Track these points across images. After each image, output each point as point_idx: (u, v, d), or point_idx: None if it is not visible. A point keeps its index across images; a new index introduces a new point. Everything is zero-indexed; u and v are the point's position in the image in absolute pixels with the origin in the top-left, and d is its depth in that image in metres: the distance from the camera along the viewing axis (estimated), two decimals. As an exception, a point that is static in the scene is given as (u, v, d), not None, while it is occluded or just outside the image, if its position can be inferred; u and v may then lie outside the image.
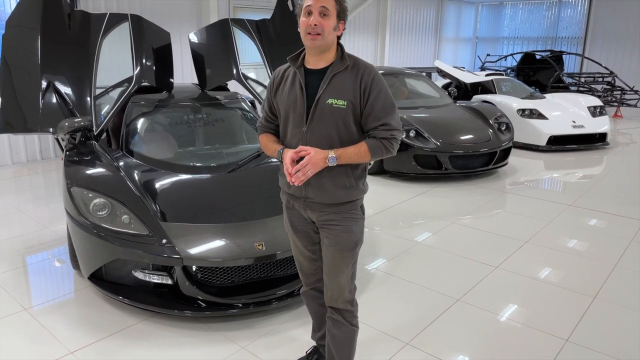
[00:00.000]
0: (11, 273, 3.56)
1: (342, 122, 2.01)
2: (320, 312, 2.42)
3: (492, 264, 3.82)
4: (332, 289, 2.20)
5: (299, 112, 2.04)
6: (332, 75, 2.01)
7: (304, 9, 1.98)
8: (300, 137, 2.05)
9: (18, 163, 6.49)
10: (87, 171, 3.39)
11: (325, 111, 2.00)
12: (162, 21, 7.33)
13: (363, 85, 1.99)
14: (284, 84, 2.12)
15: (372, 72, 2.02)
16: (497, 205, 5.24)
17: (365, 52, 12.07)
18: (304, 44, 2.02)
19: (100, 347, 2.74)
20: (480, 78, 9.08)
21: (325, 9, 1.95)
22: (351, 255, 2.14)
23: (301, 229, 2.22)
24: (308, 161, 1.96)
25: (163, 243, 2.87)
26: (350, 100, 1.99)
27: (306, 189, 2.08)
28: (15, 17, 3.88)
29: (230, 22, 4.48)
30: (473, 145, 6.02)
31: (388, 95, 2.05)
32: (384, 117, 2.01)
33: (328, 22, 1.96)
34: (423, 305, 3.22)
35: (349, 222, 2.12)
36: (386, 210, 5.02)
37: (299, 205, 2.16)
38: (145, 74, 4.01)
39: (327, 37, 1.97)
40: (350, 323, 2.24)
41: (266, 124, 2.25)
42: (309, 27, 1.95)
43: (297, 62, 2.09)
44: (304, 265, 2.33)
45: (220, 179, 3.50)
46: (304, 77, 2.05)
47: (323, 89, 2.00)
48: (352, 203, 2.12)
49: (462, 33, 16.35)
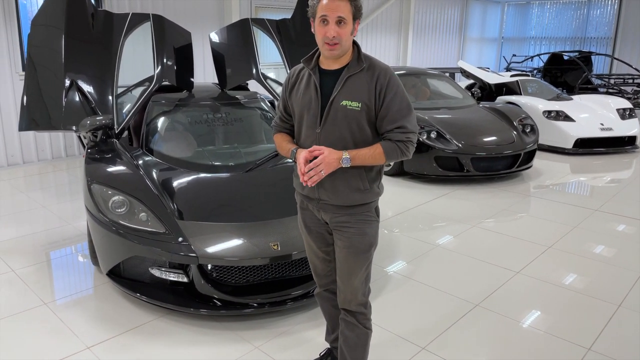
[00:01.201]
0: (34, 267, 3.63)
1: (356, 124, 1.99)
2: (334, 314, 2.39)
3: (514, 269, 3.73)
4: (345, 291, 2.17)
5: (313, 113, 2.03)
6: (347, 77, 1.99)
7: (318, 17, 1.93)
8: (314, 138, 2.03)
9: (43, 160, 6.64)
10: (107, 169, 3.44)
11: (339, 113, 1.98)
12: (184, 21, 7.41)
13: (379, 88, 1.97)
14: (298, 84, 2.10)
15: (387, 74, 1.99)
16: (520, 209, 5.12)
17: (388, 52, 11.98)
18: (321, 51, 2.01)
19: (116, 343, 2.76)
20: (505, 79, 8.91)
21: (342, 18, 1.90)
22: (365, 257, 2.11)
23: (315, 230, 2.20)
24: (321, 161, 1.94)
25: (179, 241, 2.88)
26: (365, 103, 1.97)
27: (319, 190, 2.06)
28: (41, 16, 3.97)
29: (251, 21, 4.49)
30: (496, 147, 5.90)
31: (404, 98, 2.02)
32: (400, 120, 1.99)
33: (345, 30, 1.92)
34: (441, 309, 3.16)
35: (363, 224, 2.09)
36: (405, 212, 4.96)
37: (313, 207, 2.15)
38: (166, 73, 4.05)
39: (345, 44, 1.95)
40: (364, 326, 2.21)
41: (281, 123, 2.25)
42: (326, 37, 1.91)
43: (311, 63, 2.07)
44: (318, 267, 2.31)
45: (237, 178, 3.50)
46: (319, 78, 2.03)
47: (338, 91, 1.98)
48: (366, 205, 2.10)
49: (487, 33, 16.09)
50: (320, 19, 1.92)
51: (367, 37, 11.19)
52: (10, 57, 6.12)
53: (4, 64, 6.08)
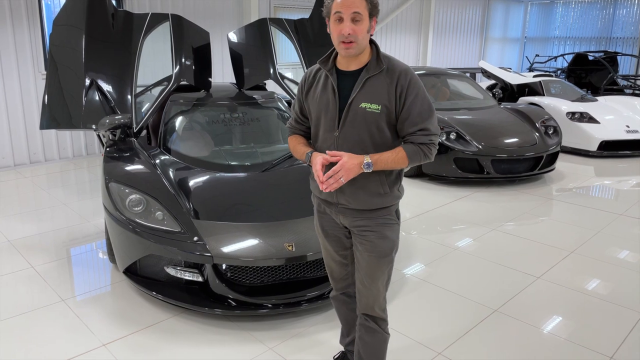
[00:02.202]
0: (53, 264, 3.68)
1: (376, 127, 1.93)
2: (350, 317, 2.36)
3: (534, 274, 3.64)
4: (367, 295, 2.12)
5: (331, 115, 1.97)
6: (366, 78, 1.93)
7: (333, 14, 1.87)
8: (332, 141, 1.98)
9: (65, 158, 6.76)
10: (124, 167, 3.46)
11: (358, 115, 1.92)
12: (203, 21, 7.47)
13: (399, 89, 1.90)
14: (315, 85, 2.05)
15: (408, 75, 1.93)
16: (541, 212, 5.00)
17: (407, 52, 11.88)
18: (337, 50, 1.95)
19: (131, 340, 2.78)
20: (528, 79, 8.74)
21: (357, 14, 1.84)
22: (387, 261, 2.07)
23: (332, 233, 2.16)
24: (341, 167, 1.87)
25: (194, 240, 2.88)
26: (385, 105, 1.91)
27: (338, 195, 2.02)
28: (62, 17, 4.03)
29: (269, 21, 4.49)
30: (517, 149, 5.79)
31: (425, 99, 1.95)
32: (422, 122, 1.92)
33: (361, 27, 1.86)
34: (458, 314, 3.10)
35: (384, 228, 2.04)
36: (424, 214, 4.89)
37: (331, 210, 2.11)
38: (185, 73, 4.07)
39: (362, 43, 1.89)
40: (384, 330, 2.19)
41: (296, 125, 2.20)
42: (341, 35, 1.85)
43: (328, 64, 2.01)
44: (335, 270, 2.27)
45: (253, 178, 3.49)
46: (336, 79, 1.97)
47: (356, 92, 1.93)
48: (386, 209, 2.05)
49: (510, 33, 15.83)
50: (335, 17, 1.86)
51: (386, 37, 11.12)
52: (33, 57, 6.25)
53: (27, 63, 6.21)
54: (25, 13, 6.10)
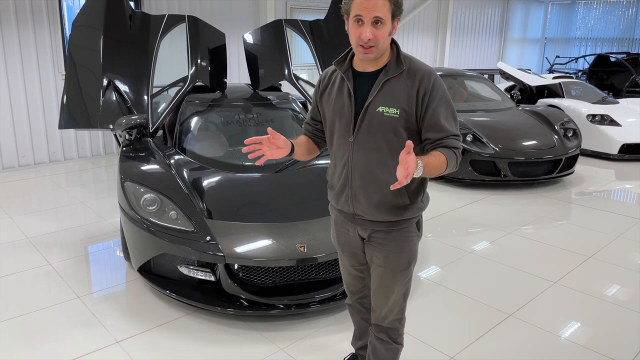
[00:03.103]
0: (70, 261, 3.74)
1: (393, 132, 1.80)
2: (363, 325, 2.33)
3: (551, 278, 3.57)
4: (380, 308, 2.04)
5: (346, 119, 1.86)
6: (384, 81, 1.80)
7: (353, 16, 1.73)
8: (347, 148, 1.87)
9: (83, 157, 6.87)
10: (140, 167, 3.50)
11: (375, 120, 1.80)
12: (220, 22, 7.52)
13: (422, 92, 1.77)
14: (331, 87, 1.94)
15: (431, 77, 1.79)
16: (560, 216, 4.92)
17: (424, 53, 11.80)
18: (355, 53, 1.82)
19: (144, 338, 2.81)
20: (547, 81, 8.60)
21: (378, 18, 1.70)
22: (403, 275, 1.96)
23: (348, 249, 2.08)
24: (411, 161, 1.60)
25: (207, 240, 2.90)
26: (404, 109, 1.78)
27: (354, 205, 1.92)
28: (81, 18, 4.10)
29: (284, 22, 4.50)
30: (535, 151, 5.70)
31: (450, 103, 1.83)
32: (450, 128, 1.80)
33: (382, 31, 1.72)
34: (472, 318, 3.06)
35: (401, 241, 1.93)
36: (439, 217, 4.85)
37: (348, 222, 2.01)
38: (200, 74, 4.10)
39: (382, 46, 1.76)
40: (395, 341, 2.09)
41: (307, 126, 2.14)
42: (360, 40, 1.72)
43: (344, 65, 1.89)
44: (350, 283, 2.21)
45: (266, 178, 3.51)
46: (352, 81, 1.86)
47: (374, 96, 1.80)
48: (407, 221, 1.92)
49: (530, 33, 15.61)
50: (354, 19, 1.73)
51: (403, 37, 11.06)
52: (53, 57, 6.36)
53: (47, 63, 6.33)
54: (45, 14, 6.22)
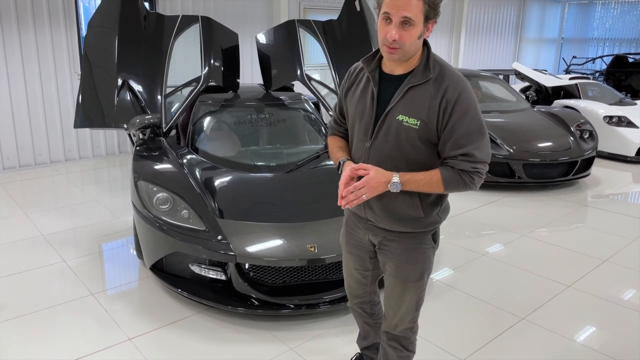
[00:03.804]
0: (84, 259, 3.79)
1: (410, 143, 1.70)
2: (366, 327, 2.31)
3: (565, 282, 3.52)
4: (391, 316, 1.99)
5: (365, 123, 1.77)
6: (408, 87, 1.69)
7: (382, 13, 1.64)
8: (363, 152, 1.79)
9: (98, 156, 6.95)
10: (153, 166, 3.53)
11: (393, 128, 1.70)
12: (233, 22, 7.55)
13: (444, 104, 1.65)
14: (356, 86, 1.85)
15: (458, 87, 1.65)
16: (575, 219, 4.85)
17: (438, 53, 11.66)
18: (381, 52, 1.72)
19: (156, 336, 2.83)
20: (563, 82, 8.49)
21: (407, 19, 1.59)
22: (415, 286, 1.89)
23: (355, 251, 2.02)
24: (364, 183, 1.66)
25: (218, 239, 2.91)
26: (424, 120, 1.67)
27: (366, 210, 1.84)
28: (97, 18, 4.15)
29: (297, 23, 4.50)
30: (551, 153, 5.62)
31: (476, 119, 1.66)
32: (467, 146, 1.65)
33: (411, 33, 1.61)
34: (484, 321, 3.03)
35: (414, 252, 1.85)
36: (452, 218, 4.81)
37: (359, 226, 1.95)
38: (213, 74, 4.13)
39: (409, 49, 1.65)
40: (407, 349, 2.04)
41: (335, 126, 2.01)
42: (385, 39, 1.63)
43: (371, 64, 1.78)
44: (352, 286, 2.15)
45: (278, 178, 3.51)
46: (378, 83, 1.76)
47: (395, 102, 1.70)
48: (421, 233, 1.84)
49: (546, 33, 15.42)
50: (383, 16, 1.63)
51: (417, 38, 11.00)
52: (69, 57, 6.45)
53: (63, 63, 6.42)
54: (62, 15, 6.31)
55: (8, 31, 5.95)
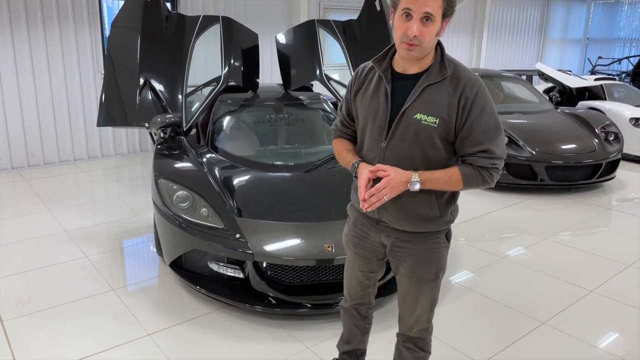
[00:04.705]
0: (106, 255, 3.86)
1: (429, 142, 1.70)
2: (354, 330, 2.24)
3: (587, 287, 3.45)
4: (407, 317, 1.97)
5: (379, 124, 1.75)
6: (425, 86, 1.68)
7: (401, 9, 1.62)
8: (378, 153, 1.77)
9: (120, 154, 7.07)
10: (173, 165, 3.58)
11: (411, 127, 1.69)
12: (254, 22, 7.59)
13: (463, 101, 1.66)
14: (366, 86, 1.83)
15: (475, 85, 1.68)
16: (598, 223, 4.74)
17: (460, 53, 11.60)
18: (397, 49, 1.70)
19: (175, 332, 2.86)
20: (588, 82, 8.31)
21: (429, 14, 1.59)
22: (430, 286, 1.88)
23: (362, 253, 1.98)
24: (385, 184, 1.66)
25: (237, 237, 2.93)
26: (444, 119, 1.67)
27: (380, 212, 1.81)
28: (120, 19, 4.22)
29: (317, 23, 4.51)
30: (574, 155, 5.51)
31: (492, 116, 1.69)
32: (485, 142, 1.68)
33: (431, 29, 1.61)
34: (503, 324, 2.99)
35: (429, 253, 1.84)
36: (472, 220, 4.75)
37: (370, 228, 1.91)
38: (233, 74, 4.16)
39: (427, 46, 1.65)
40: (422, 349, 2.02)
41: (342, 128, 1.99)
42: (405, 36, 1.61)
43: (383, 64, 1.77)
44: (352, 288, 2.11)
45: (296, 178, 3.52)
46: (391, 82, 1.75)
47: (412, 101, 1.69)
48: (436, 233, 1.84)
49: (571, 34, 15.12)
50: (402, 12, 1.61)
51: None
52: (93, 57, 6.58)
53: (87, 63, 6.54)
54: (86, 16, 6.43)
55: (34, 32, 6.09)
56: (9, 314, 3.02)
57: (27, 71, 6.12)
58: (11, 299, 3.18)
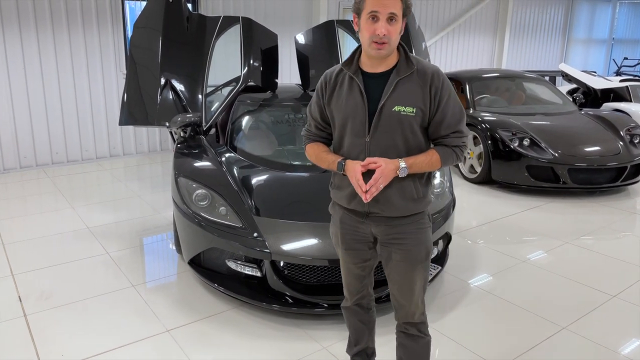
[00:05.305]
0: (127, 251, 3.92)
1: (410, 130, 1.87)
2: (360, 328, 2.30)
3: (610, 292, 3.38)
4: (406, 305, 2.06)
5: (360, 120, 1.89)
6: (397, 81, 1.85)
7: (367, 13, 1.78)
8: (362, 147, 1.90)
9: (141, 153, 7.18)
10: (193, 163, 3.62)
11: (393, 119, 1.85)
12: (273, 22, 7.63)
13: (433, 91, 1.85)
14: (339, 89, 1.94)
15: (441, 75, 1.88)
16: (622, 227, 4.63)
17: (481, 54, 11.47)
18: (366, 50, 1.86)
19: (193, 328, 2.89)
20: (613, 84, 8.14)
21: (393, 14, 1.77)
22: (423, 266, 2.01)
23: (354, 246, 2.07)
24: (380, 174, 1.81)
25: (254, 236, 2.95)
26: (420, 108, 1.85)
27: (370, 204, 1.93)
28: (142, 20, 4.29)
29: (336, 23, 4.51)
30: (598, 158, 5.40)
31: (457, 100, 1.92)
32: (456, 125, 1.90)
33: (395, 27, 1.79)
34: (522, 329, 2.94)
35: (418, 233, 1.98)
36: (491, 223, 4.70)
37: (360, 221, 2.01)
38: (252, 74, 4.18)
39: (394, 44, 1.83)
40: (425, 334, 2.11)
41: (316, 132, 2.10)
42: (375, 35, 1.77)
43: (352, 66, 1.92)
44: (350, 283, 2.20)
45: (314, 178, 3.52)
46: (362, 82, 1.89)
47: (387, 96, 1.85)
48: (421, 214, 2.00)
49: (596, 34, 14.82)
50: (369, 15, 1.78)
51: (458, 38, 10.80)
52: (116, 57, 6.70)
53: (110, 63, 6.67)
54: (109, 17, 6.55)
55: (59, 32, 6.23)
56: (32, 307, 3.09)
57: (51, 72, 6.26)
58: (34, 293, 3.26)
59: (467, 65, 11.16)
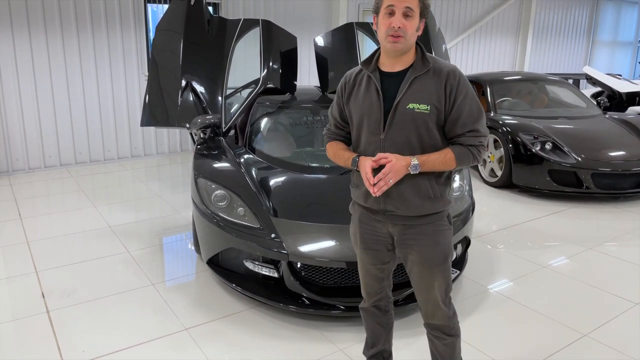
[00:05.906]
0: (147, 250, 3.98)
1: (425, 128, 1.88)
2: (377, 330, 2.30)
3: (633, 299, 3.30)
4: (426, 305, 2.07)
5: (375, 118, 1.92)
6: (412, 79, 1.88)
7: (384, 8, 1.84)
8: (377, 144, 1.92)
9: (161, 153, 7.29)
10: (212, 164, 3.66)
11: (407, 117, 1.87)
12: (293, 25, 7.67)
13: (449, 89, 1.86)
14: (357, 89, 1.99)
15: (457, 74, 1.88)
16: (647, 233, 4.52)
17: (502, 56, 11.33)
18: (383, 45, 1.90)
19: (210, 327, 2.92)
20: (639, 87, 7.96)
21: (409, 9, 1.81)
22: (441, 270, 1.99)
23: (372, 246, 2.08)
24: (390, 169, 1.83)
25: (272, 237, 2.97)
26: (435, 105, 1.86)
27: (385, 200, 1.94)
28: (164, 23, 4.36)
29: (355, 25, 4.51)
30: (623, 163, 5.28)
31: (474, 99, 1.91)
32: (472, 123, 1.89)
33: (411, 23, 1.83)
34: (542, 335, 2.89)
35: (435, 234, 1.97)
36: (512, 228, 4.63)
37: (378, 220, 2.02)
38: (271, 76, 4.21)
39: (410, 39, 1.85)
40: (449, 334, 2.10)
41: (336, 131, 2.15)
42: (390, 29, 1.82)
43: (370, 65, 1.97)
44: (369, 284, 2.20)
45: (331, 180, 3.53)
46: (380, 81, 1.93)
47: (402, 94, 1.87)
48: (438, 214, 1.98)
49: (621, 36, 14.51)
50: (386, 10, 1.83)
51: (479, 40, 10.69)
52: (138, 60, 6.82)
53: (132, 65, 6.79)
54: (132, 20, 6.68)
55: (83, 35, 6.37)
56: (55, 304, 3.16)
57: (75, 74, 6.41)
58: (57, 290, 3.33)
59: (489, 67, 11.04)
